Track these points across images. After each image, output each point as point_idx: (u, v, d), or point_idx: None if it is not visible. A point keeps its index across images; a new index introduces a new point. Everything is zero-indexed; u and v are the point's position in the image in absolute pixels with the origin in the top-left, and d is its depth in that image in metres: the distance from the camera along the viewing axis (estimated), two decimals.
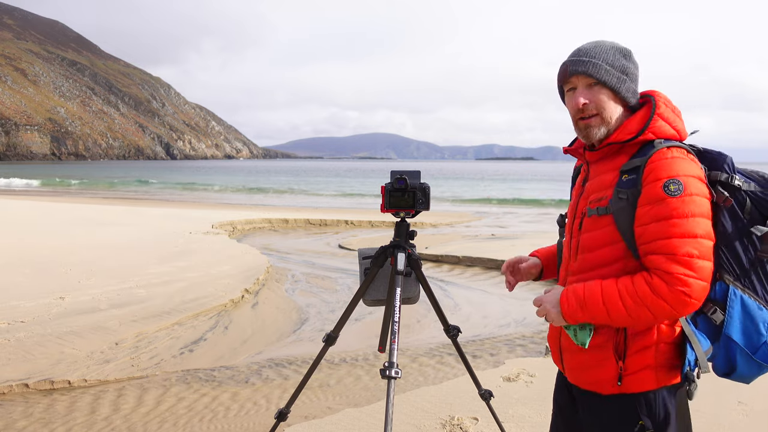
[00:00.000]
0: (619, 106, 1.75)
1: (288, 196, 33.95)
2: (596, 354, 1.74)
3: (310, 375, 2.83)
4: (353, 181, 56.96)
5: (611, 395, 1.74)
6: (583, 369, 1.79)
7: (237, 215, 16.99)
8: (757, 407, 3.93)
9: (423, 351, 5.39)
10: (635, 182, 1.64)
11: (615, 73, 1.72)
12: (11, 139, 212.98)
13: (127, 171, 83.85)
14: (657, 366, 1.69)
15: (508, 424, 3.60)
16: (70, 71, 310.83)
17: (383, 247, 2.64)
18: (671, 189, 1.58)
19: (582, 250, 1.78)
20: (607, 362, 1.72)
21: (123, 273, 8.09)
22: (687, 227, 1.56)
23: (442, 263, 10.13)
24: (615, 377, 1.71)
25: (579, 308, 1.66)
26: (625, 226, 1.66)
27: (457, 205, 27.52)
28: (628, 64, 1.76)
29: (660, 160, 1.62)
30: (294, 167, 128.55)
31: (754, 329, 1.64)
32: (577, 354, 1.79)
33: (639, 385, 1.70)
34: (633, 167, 1.66)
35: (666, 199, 1.58)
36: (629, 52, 1.78)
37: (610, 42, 1.78)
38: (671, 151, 1.64)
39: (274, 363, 5.06)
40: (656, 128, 1.69)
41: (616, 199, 1.66)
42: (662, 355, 1.69)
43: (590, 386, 1.79)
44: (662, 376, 1.70)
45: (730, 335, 1.65)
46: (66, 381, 4.44)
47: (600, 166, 1.79)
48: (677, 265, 1.55)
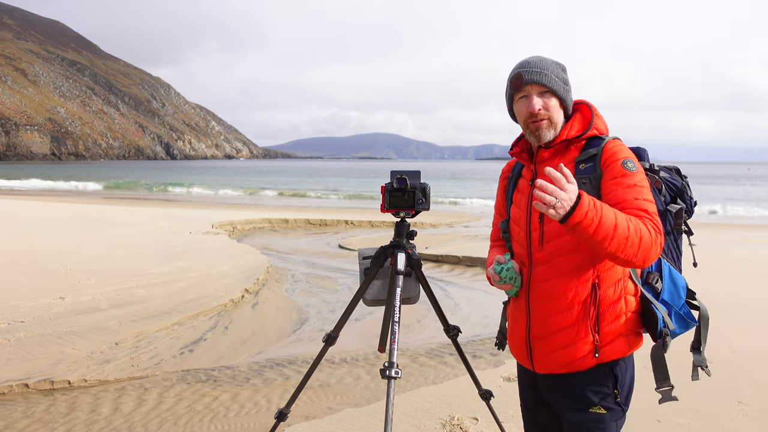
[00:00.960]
0: (562, 112, 2.01)
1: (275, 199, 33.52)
2: (572, 332, 1.89)
3: (310, 375, 2.83)
4: (352, 181, 56.85)
5: (585, 371, 1.90)
6: (557, 351, 1.92)
7: (237, 215, 16.99)
8: (757, 407, 3.94)
9: (423, 351, 5.39)
10: (594, 168, 1.92)
11: (561, 84, 1.99)
12: (11, 139, 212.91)
13: (130, 171, 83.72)
14: (627, 332, 1.91)
15: (508, 424, 3.60)
16: (70, 71, 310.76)
17: (383, 247, 2.64)
18: (629, 165, 1.88)
19: (549, 238, 1.94)
20: (584, 338, 1.88)
21: (123, 273, 8.09)
22: (647, 195, 1.85)
23: (442, 263, 10.13)
24: (592, 350, 1.88)
25: (596, 208, 1.70)
26: None
27: (457, 205, 27.52)
28: (567, 77, 2.03)
29: (614, 146, 1.93)
30: (290, 167, 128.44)
31: (676, 293, 1.97)
32: (553, 336, 1.92)
33: (614, 353, 1.90)
34: (589, 156, 1.95)
35: (627, 173, 1.86)
36: (565, 67, 2.05)
37: (549, 57, 2.03)
38: (617, 141, 1.97)
39: (274, 363, 5.06)
40: (598, 126, 2.00)
41: (579, 184, 1.85)
42: (630, 323, 1.92)
43: (564, 368, 1.92)
44: (632, 342, 1.93)
45: (665, 299, 1.95)
46: (66, 381, 4.44)
47: (551, 162, 1.98)
48: (652, 221, 1.79)
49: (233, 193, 36.47)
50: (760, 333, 5.71)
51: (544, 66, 1.98)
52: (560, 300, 1.90)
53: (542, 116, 1.96)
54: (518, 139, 2.14)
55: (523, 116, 1.99)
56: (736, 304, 6.64)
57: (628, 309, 1.91)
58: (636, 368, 1.99)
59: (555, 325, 1.92)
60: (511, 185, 2.17)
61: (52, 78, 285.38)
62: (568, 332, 1.89)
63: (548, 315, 1.93)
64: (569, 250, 1.89)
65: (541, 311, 1.95)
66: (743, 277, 8.35)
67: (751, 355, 4.98)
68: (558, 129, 1.99)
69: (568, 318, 1.89)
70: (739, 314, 6.27)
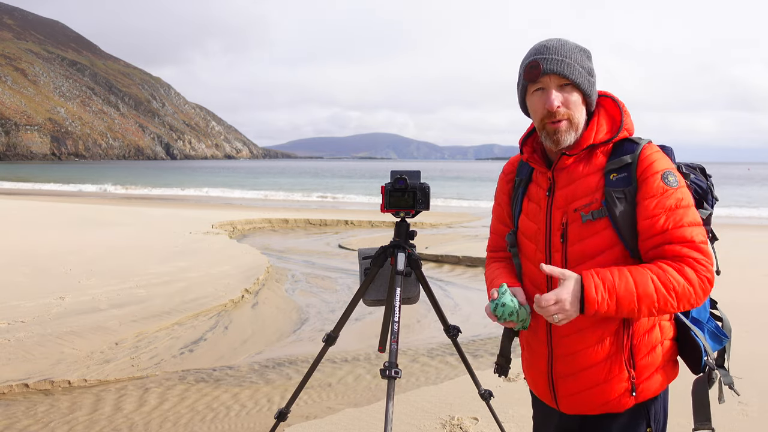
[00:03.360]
0: (584, 109, 1.68)
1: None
2: (606, 368, 1.63)
3: (310, 375, 2.83)
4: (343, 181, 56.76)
5: (623, 412, 1.65)
6: (590, 389, 1.66)
7: (237, 215, 16.99)
8: (757, 407, 3.94)
9: (423, 351, 5.38)
10: (629, 180, 1.60)
11: (586, 75, 1.65)
12: (11, 139, 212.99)
13: (133, 171, 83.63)
14: (664, 364, 1.67)
15: (508, 424, 3.60)
16: (70, 71, 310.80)
17: (383, 247, 2.64)
18: (670, 180, 1.58)
19: (572, 263, 1.64)
20: (618, 374, 1.63)
21: (123, 273, 8.09)
22: (693, 216, 1.58)
23: (442, 263, 10.13)
24: (628, 389, 1.63)
25: (609, 295, 1.51)
26: (624, 226, 1.59)
27: (457, 204, 27.52)
28: (592, 66, 1.69)
29: (651, 154, 1.62)
30: (286, 167, 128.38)
31: (702, 306, 1.73)
32: (581, 374, 1.66)
33: (652, 390, 1.66)
34: (623, 165, 1.62)
35: (668, 190, 1.57)
36: (591, 54, 1.71)
37: (572, 41, 1.70)
38: (654, 146, 1.65)
39: (274, 363, 5.06)
40: (629, 127, 1.68)
41: (612, 199, 1.60)
42: (667, 352, 1.67)
43: (599, 409, 1.67)
44: (669, 374, 1.69)
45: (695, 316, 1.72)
46: (66, 381, 4.44)
47: (574, 170, 1.68)
48: (697, 252, 1.54)
49: (233, 194, 36.48)
50: (760, 333, 5.71)
51: (566, 52, 1.62)
52: (589, 332, 1.63)
53: (561, 116, 1.62)
54: (528, 135, 1.80)
55: (539, 114, 1.66)
56: (736, 304, 6.63)
57: (664, 337, 1.66)
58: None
59: (583, 361, 1.65)
60: (520, 192, 1.84)
61: (52, 78, 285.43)
62: (599, 369, 1.63)
63: (575, 350, 1.66)
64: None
65: (566, 345, 1.68)
66: (743, 277, 8.35)
67: (751, 355, 4.97)
68: (580, 130, 1.66)
69: (598, 353, 1.63)
70: (739, 314, 6.27)
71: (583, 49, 1.68)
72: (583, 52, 1.68)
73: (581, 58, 1.65)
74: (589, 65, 1.67)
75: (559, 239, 1.68)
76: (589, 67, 1.67)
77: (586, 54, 1.68)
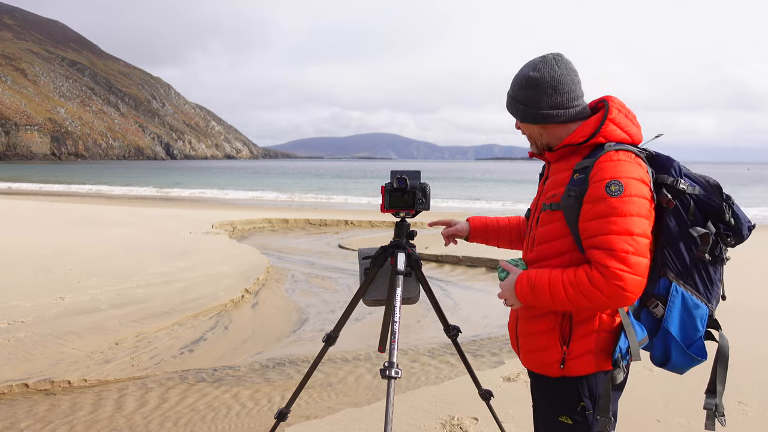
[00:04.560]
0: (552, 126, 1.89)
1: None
2: (544, 338, 1.89)
3: (310, 375, 2.83)
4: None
5: (557, 378, 1.88)
6: (533, 351, 1.94)
7: (237, 215, 16.99)
8: (757, 407, 3.94)
9: (423, 351, 5.39)
10: (584, 181, 1.76)
11: (522, 108, 1.89)
12: (11, 139, 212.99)
13: (132, 171, 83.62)
14: (597, 351, 1.83)
15: (508, 424, 3.60)
16: (70, 71, 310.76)
17: (383, 247, 2.64)
18: (612, 189, 1.69)
19: (537, 242, 1.93)
20: (553, 346, 1.87)
21: (123, 273, 8.09)
22: (625, 225, 1.67)
23: (442, 263, 10.14)
24: (559, 360, 1.86)
25: (530, 291, 1.82)
26: (572, 221, 1.78)
27: (457, 204, 27.52)
28: (532, 93, 1.85)
29: (606, 161, 1.74)
30: (285, 168, 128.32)
31: (691, 324, 1.78)
32: (530, 337, 1.95)
33: (580, 369, 1.84)
34: (583, 167, 1.78)
35: (607, 198, 1.69)
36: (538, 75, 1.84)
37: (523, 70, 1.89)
38: (618, 154, 1.75)
39: (275, 363, 5.06)
40: (607, 132, 1.81)
41: (566, 195, 1.79)
42: (602, 341, 1.83)
43: (539, 369, 1.94)
44: (601, 361, 1.84)
45: (668, 329, 1.78)
46: (66, 381, 4.44)
47: (558, 165, 1.93)
48: (614, 261, 1.66)
49: (233, 194, 36.50)
50: (760, 333, 5.71)
51: (513, 90, 1.93)
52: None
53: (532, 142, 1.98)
54: None
55: None
56: (736, 304, 6.63)
57: (601, 328, 1.82)
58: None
59: (533, 327, 1.93)
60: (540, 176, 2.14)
61: (52, 78, 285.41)
62: (542, 337, 1.90)
63: (529, 316, 1.94)
64: (550, 256, 1.87)
65: (525, 311, 1.96)
66: (743, 277, 8.35)
67: (751, 355, 4.98)
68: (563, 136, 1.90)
69: (543, 323, 1.89)
70: (739, 314, 6.27)
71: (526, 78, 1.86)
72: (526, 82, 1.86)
73: (520, 93, 1.89)
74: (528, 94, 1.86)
75: (534, 221, 1.98)
76: (527, 97, 1.87)
77: (528, 83, 1.86)
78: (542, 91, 1.84)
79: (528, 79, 1.86)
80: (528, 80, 1.86)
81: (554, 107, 1.85)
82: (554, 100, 1.85)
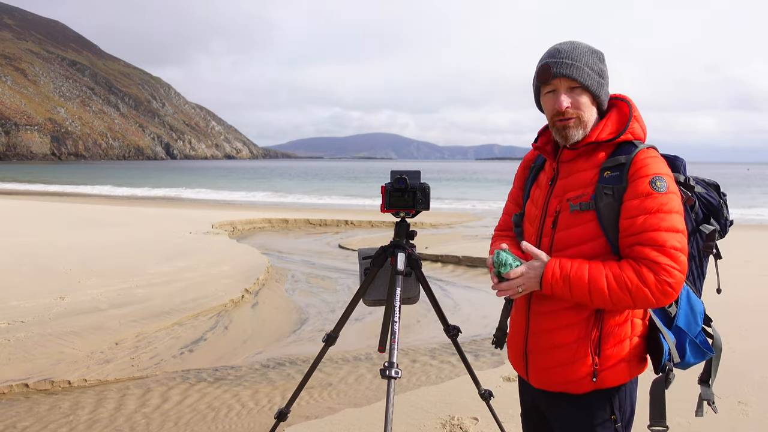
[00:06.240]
0: (595, 108, 1.80)
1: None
2: (572, 351, 1.75)
3: (310, 375, 2.83)
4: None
5: (585, 394, 1.76)
6: (554, 368, 1.78)
7: (237, 215, 16.99)
8: (757, 407, 3.94)
9: (423, 351, 5.39)
10: (620, 178, 1.69)
11: (595, 78, 1.76)
12: (11, 139, 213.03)
13: (132, 171, 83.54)
14: (630, 358, 1.75)
15: (508, 424, 3.60)
16: (70, 71, 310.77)
17: (383, 247, 2.64)
18: (658, 185, 1.65)
19: (558, 248, 1.78)
20: (583, 359, 1.73)
21: (123, 273, 8.09)
22: (673, 221, 1.64)
23: (442, 263, 10.14)
24: (590, 373, 1.73)
25: (562, 280, 1.67)
26: (608, 221, 1.69)
27: (457, 204, 27.51)
28: (604, 68, 1.79)
29: (645, 158, 1.70)
30: (281, 168, 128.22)
31: (693, 320, 1.79)
32: (549, 353, 1.79)
33: (614, 380, 1.75)
34: (617, 164, 1.71)
35: (653, 194, 1.64)
36: (603, 55, 1.81)
37: (585, 44, 1.80)
38: (651, 151, 1.73)
39: (275, 363, 5.06)
40: (633, 130, 1.77)
41: (601, 194, 1.70)
42: (635, 347, 1.76)
43: (562, 387, 1.79)
44: (634, 368, 1.78)
45: (680, 326, 1.76)
46: (66, 381, 4.45)
47: (575, 164, 1.81)
48: (665, 257, 1.61)
49: (233, 194, 36.48)
50: (759, 333, 5.71)
51: (576, 56, 1.74)
52: (562, 314, 1.76)
53: (570, 114, 1.76)
54: (544, 129, 1.95)
55: (550, 112, 1.80)
56: (736, 304, 6.63)
57: (634, 333, 1.75)
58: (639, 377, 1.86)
59: (553, 340, 1.78)
60: (531, 176, 2.01)
61: (52, 78, 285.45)
62: (567, 350, 1.75)
63: (547, 329, 1.79)
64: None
65: (540, 324, 1.81)
66: (742, 277, 8.35)
67: (751, 355, 4.98)
68: (588, 128, 1.78)
69: (567, 335, 1.75)
70: (739, 314, 6.27)
71: (596, 51, 1.78)
72: (595, 54, 1.78)
73: (592, 61, 1.76)
74: (600, 67, 1.77)
75: (550, 225, 1.82)
76: (599, 69, 1.77)
77: (598, 56, 1.78)
78: (607, 71, 1.80)
79: (602, 56, 1.79)
80: (602, 56, 1.79)
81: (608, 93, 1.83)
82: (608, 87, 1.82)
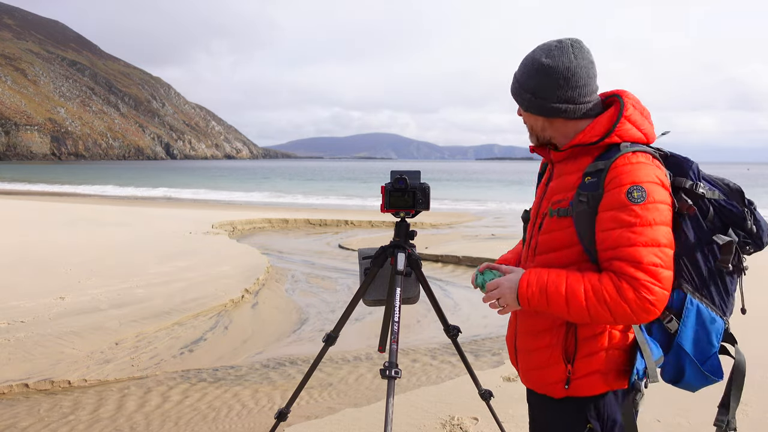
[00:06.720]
0: (560, 120, 1.70)
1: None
2: (545, 355, 1.72)
3: (310, 375, 2.83)
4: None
5: (561, 399, 1.72)
6: (534, 369, 1.77)
7: (237, 215, 16.99)
8: (757, 407, 3.94)
9: (423, 351, 5.39)
10: (597, 185, 1.59)
11: (528, 98, 1.69)
12: (11, 139, 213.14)
13: (132, 171, 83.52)
14: (607, 371, 1.66)
15: (508, 424, 3.60)
16: (70, 71, 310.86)
17: (383, 247, 2.64)
18: (635, 196, 1.53)
19: (539, 251, 1.75)
20: (556, 365, 1.70)
21: (123, 273, 8.09)
22: (651, 235, 1.52)
23: (442, 263, 10.13)
24: (563, 380, 1.69)
25: (539, 292, 1.60)
26: (583, 229, 1.61)
27: (457, 204, 27.51)
28: (541, 81, 1.66)
29: (624, 165, 1.57)
30: (281, 168, 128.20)
31: (706, 339, 1.65)
32: (530, 354, 1.78)
33: (587, 389, 1.68)
34: (596, 170, 1.61)
35: (629, 205, 1.53)
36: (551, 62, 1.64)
37: (531, 55, 1.69)
38: (636, 156, 1.58)
39: (275, 362, 5.06)
40: (622, 131, 1.63)
41: (577, 201, 1.62)
42: (612, 361, 1.66)
43: (541, 388, 1.77)
44: (612, 381, 1.68)
45: (682, 345, 1.64)
46: (66, 381, 4.44)
47: (564, 166, 1.74)
48: (643, 273, 1.51)
49: (233, 195, 36.50)
50: (760, 333, 5.71)
51: (518, 79, 1.73)
52: (541, 319, 1.74)
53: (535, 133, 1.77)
54: None
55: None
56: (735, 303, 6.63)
57: (612, 345, 1.65)
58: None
59: (533, 343, 1.77)
60: (540, 174, 1.95)
61: (52, 78, 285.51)
62: (542, 354, 1.73)
63: (529, 331, 1.78)
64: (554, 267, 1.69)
65: (525, 324, 1.81)
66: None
67: (751, 355, 4.97)
68: (571, 134, 1.70)
69: (544, 339, 1.73)
70: (739, 314, 6.27)
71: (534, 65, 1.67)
72: (534, 69, 1.67)
73: (527, 80, 1.69)
74: (533, 83, 1.67)
75: (537, 227, 1.79)
76: (533, 87, 1.68)
77: (536, 70, 1.66)
78: (554, 81, 1.64)
79: (540, 66, 1.65)
80: (540, 67, 1.65)
81: (565, 101, 1.66)
82: (566, 94, 1.65)
